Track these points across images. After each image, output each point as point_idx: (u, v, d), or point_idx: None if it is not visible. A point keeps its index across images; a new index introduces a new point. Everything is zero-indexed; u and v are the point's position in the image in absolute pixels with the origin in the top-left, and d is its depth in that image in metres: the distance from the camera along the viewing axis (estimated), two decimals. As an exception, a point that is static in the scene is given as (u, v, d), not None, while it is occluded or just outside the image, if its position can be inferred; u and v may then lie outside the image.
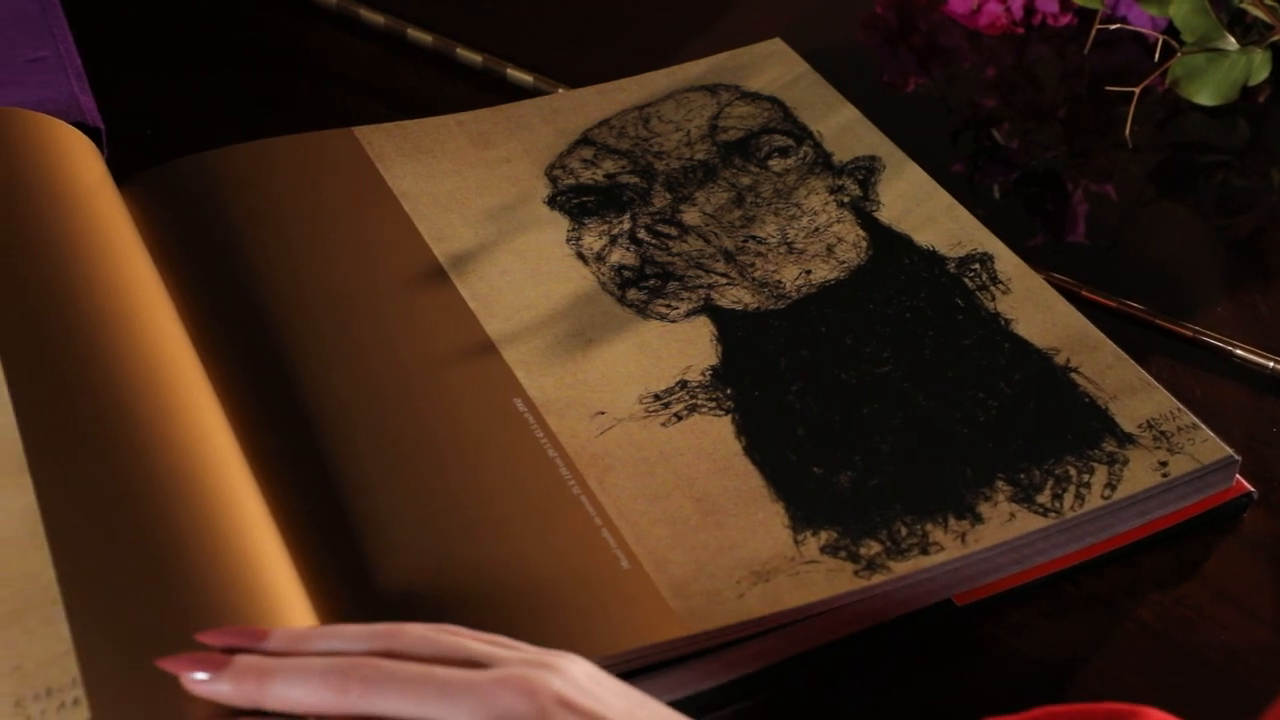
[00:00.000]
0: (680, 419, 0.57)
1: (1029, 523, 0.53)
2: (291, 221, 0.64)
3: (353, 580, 0.50)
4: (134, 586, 0.46)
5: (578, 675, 0.42)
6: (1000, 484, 0.54)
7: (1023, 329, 0.60)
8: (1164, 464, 0.55)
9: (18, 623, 0.45)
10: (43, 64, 0.68)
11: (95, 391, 0.52)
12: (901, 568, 0.51)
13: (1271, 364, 0.62)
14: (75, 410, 0.51)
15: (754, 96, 0.73)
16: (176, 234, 0.62)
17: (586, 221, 0.66)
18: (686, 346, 0.60)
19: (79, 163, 0.62)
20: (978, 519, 0.53)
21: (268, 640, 0.43)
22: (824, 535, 0.53)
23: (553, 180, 0.68)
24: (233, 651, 0.43)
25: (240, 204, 0.64)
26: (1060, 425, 0.56)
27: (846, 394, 0.58)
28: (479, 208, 0.66)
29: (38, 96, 0.65)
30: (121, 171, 0.64)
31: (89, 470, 0.49)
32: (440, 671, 0.41)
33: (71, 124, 0.64)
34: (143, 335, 0.54)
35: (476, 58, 0.78)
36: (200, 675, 0.42)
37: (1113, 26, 0.80)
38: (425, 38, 0.79)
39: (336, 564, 0.50)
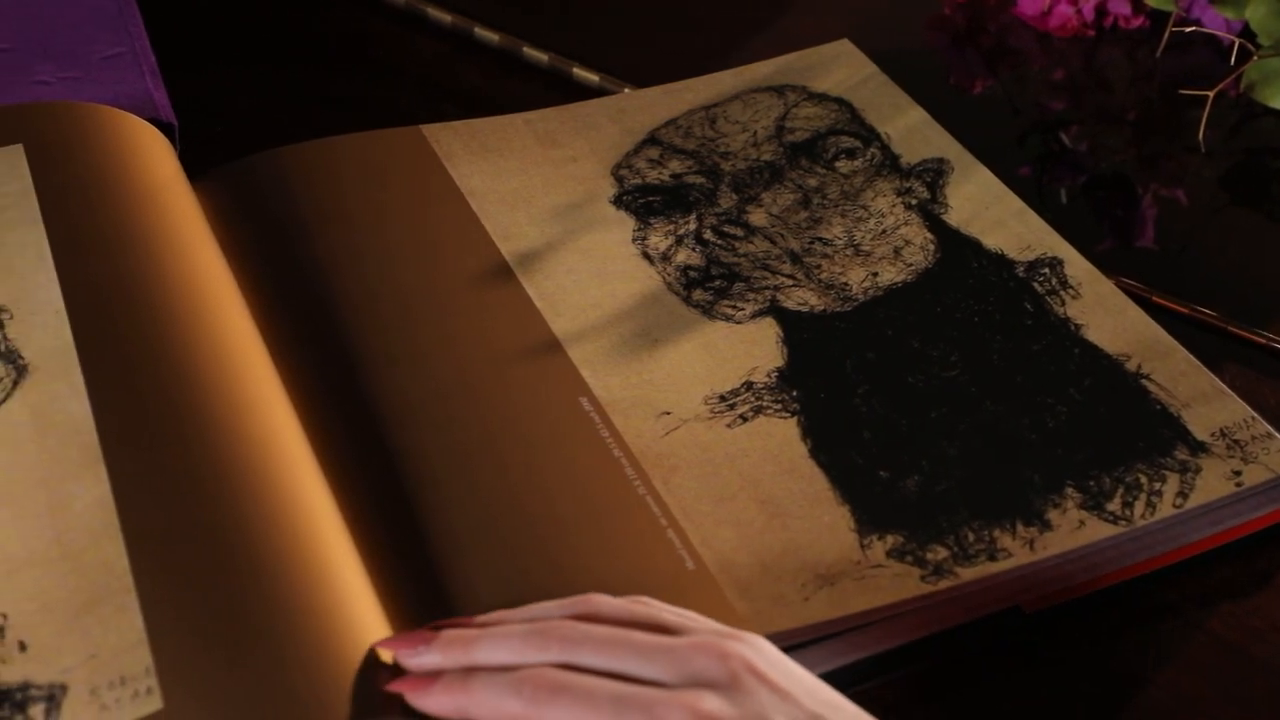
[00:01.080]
0: (746, 420, 0.57)
1: (1099, 530, 0.52)
2: (360, 218, 0.64)
3: (418, 575, 0.50)
4: (206, 577, 0.47)
5: (765, 649, 0.43)
6: (1070, 491, 0.54)
7: (1093, 334, 0.60)
8: (1238, 473, 0.54)
9: (93, 611, 0.46)
10: (119, 60, 0.69)
11: (169, 384, 0.52)
12: (969, 573, 0.51)
13: (1347, 373, 0.62)
14: (149, 403, 0.51)
15: (821, 97, 0.73)
16: (247, 229, 0.63)
17: (652, 221, 0.66)
18: (752, 348, 0.60)
19: (154, 158, 0.62)
20: (1046, 526, 0.52)
21: (471, 620, 0.46)
22: (890, 539, 0.52)
23: (619, 180, 0.68)
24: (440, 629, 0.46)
25: (309, 200, 0.65)
26: (1131, 432, 0.56)
27: (913, 397, 0.58)
28: (545, 206, 0.66)
29: (114, 93, 0.66)
30: (193, 167, 0.65)
31: (163, 462, 0.50)
32: (636, 634, 0.43)
33: (146, 120, 0.65)
34: (214, 330, 0.55)
35: (542, 57, 0.78)
36: (413, 651, 0.45)
37: (1187, 29, 0.79)
38: (492, 36, 0.79)
39: (402, 559, 0.50)
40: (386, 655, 0.45)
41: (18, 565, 0.47)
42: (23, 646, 0.45)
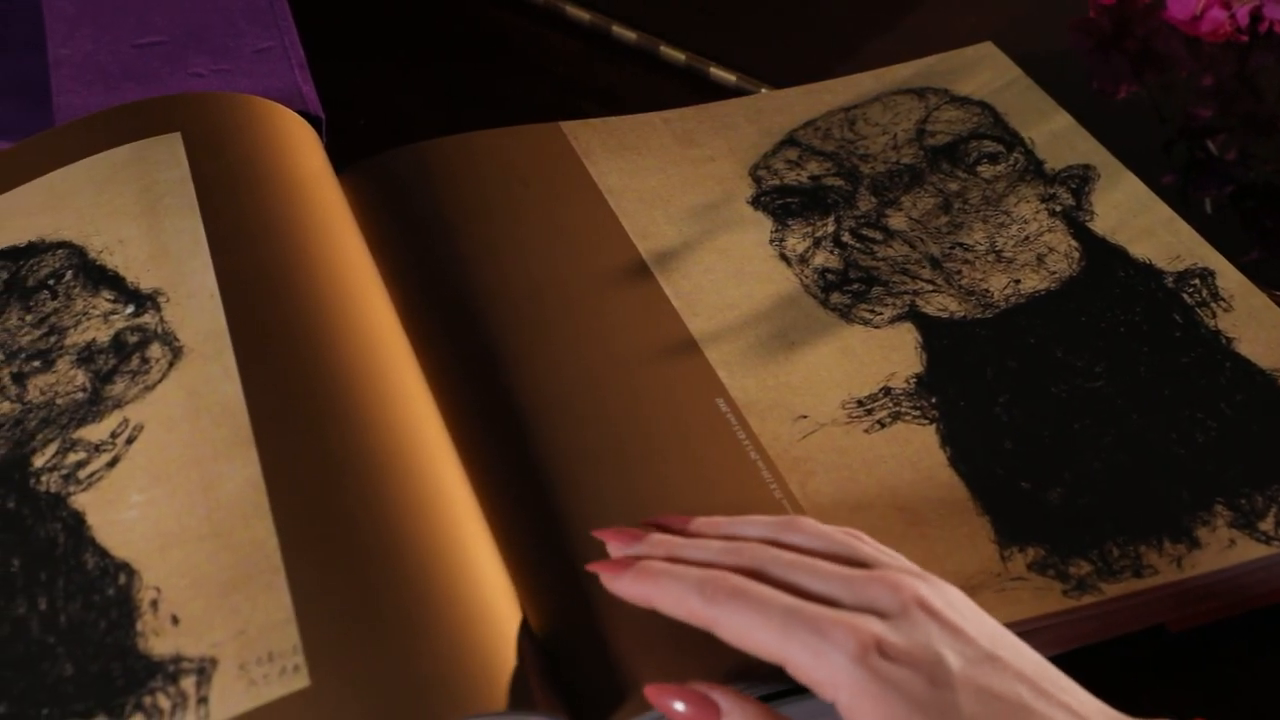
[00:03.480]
0: (884, 426, 0.56)
1: (1250, 550, 0.51)
2: (499, 214, 0.64)
3: (555, 569, 0.50)
4: (352, 559, 0.47)
5: (947, 590, 0.44)
6: (1219, 508, 0.52)
7: (1245, 348, 0.58)
8: (1397, 495, 0.52)
9: (242, 589, 0.46)
10: (269, 54, 0.70)
11: (318, 371, 0.53)
12: (1113, 589, 0.50)
13: None
14: (299, 388, 0.52)
15: (963, 101, 0.72)
16: (388, 222, 0.63)
17: (790, 223, 0.65)
18: (890, 353, 0.59)
19: (303, 150, 0.63)
20: (1195, 543, 0.51)
21: (689, 523, 0.49)
22: (1032, 552, 0.51)
23: (757, 180, 0.68)
24: (661, 528, 0.49)
25: (450, 195, 0.65)
26: (1284, 450, 0.54)
27: (1056, 408, 0.56)
28: (683, 205, 0.66)
29: (264, 86, 0.67)
30: (337, 160, 0.65)
31: (312, 445, 0.50)
32: (821, 562, 0.45)
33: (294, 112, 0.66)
34: (361, 320, 0.55)
35: (680, 56, 0.78)
36: (622, 545, 0.48)
37: (1343, 36, 0.76)
38: (629, 35, 0.79)
39: (539, 553, 0.50)
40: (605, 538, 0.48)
41: (170, 541, 0.48)
42: (175, 620, 0.46)
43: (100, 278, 0.57)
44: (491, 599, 0.47)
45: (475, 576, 0.47)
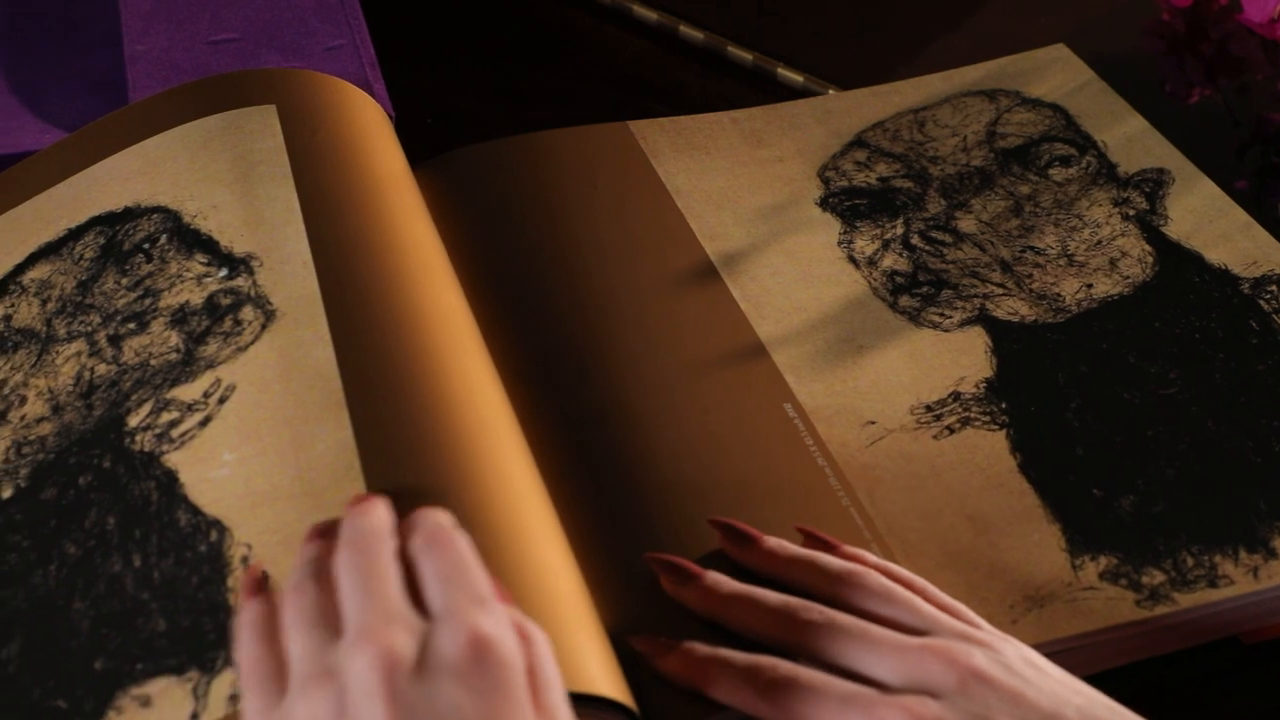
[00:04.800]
0: (952, 432, 0.56)
1: (1328, 562, 0.50)
2: (568, 213, 0.64)
3: (620, 569, 0.50)
4: None
5: (1008, 655, 0.43)
6: (1297, 519, 0.51)
7: (1323, 356, 0.57)
8: None
9: None
10: (340, 52, 0.70)
11: (406, 340, 0.52)
12: (1187, 600, 0.49)
13: None
14: (390, 355, 0.52)
15: (1035, 103, 0.71)
16: (457, 219, 0.63)
17: (859, 225, 0.65)
18: (960, 357, 0.58)
19: (386, 138, 0.64)
20: (1271, 554, 0.50)
21: (761, 541, 0.48)
22: (1104, 561, 0.51)
23: (825, 182, 0.67)
24: (736, 536, 0.49)
25: (518, 194, 0.65)
26: (1364, 460, 0.53)
27: (1129, 414, 0.56)
28: (751, 206, 0.66)
29: (335, 84, 0.67)
30: (407, 157, 0.65)
31: (401, 411, 0.50)
32: (875, 630, 0.44)
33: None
34: (443, 302, 0.55)
35: (747, 56, 0.78)
36: (678, 578, 0.48)
37: None
38: (696, 35, 0.79)
39: (607, 552, 0.50)
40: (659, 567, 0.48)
41: (261, 499, 0.48)
42: (266, 576, 0.46)
43: (194, 242, 0.57)
44: (565, 587, 0.47)
45: (551, 564, 0.47)
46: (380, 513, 0.44)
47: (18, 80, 0.70)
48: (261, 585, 0.44)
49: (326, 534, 0.44)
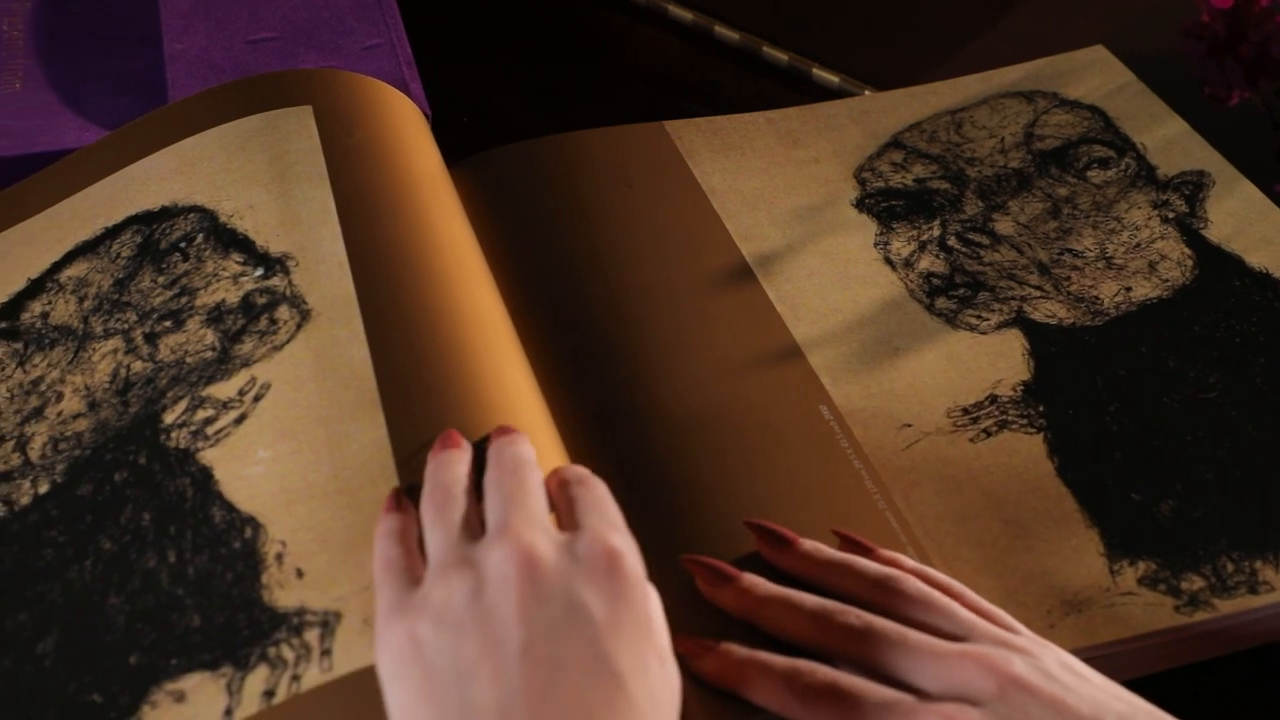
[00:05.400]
0: (989, 435, 0.55)
1: (1370, 569, 0.49)
2: (604, 213, 0.64)
3: (656, 565, 0.49)
4: None
5: (1047, 661, 0.43)
6: (1339, 525, 0.51)
7: (1366, 361, 0.57)
8: None
9: (367, 546, 0.47)
10: (377, 51, 0.70)
11: (441, 342, 0.53)
12: (1227, 606, 0.49)
13: None
14: (425, 356, 0.52)
15: (1073, 105, 0.71)
16: (493, 218, 0.63)
17: (895, 226, 0.65)
18: (997, 360, 0.58)
19: (422, 138, 0.64)
20: (1313, 561, 0.50)
21: (798, 544, 0.48)
22: (1142, 566, 0.50)
23: (861, 183, 0.67)
24: (773, 538, 0.48)
25: (554, 193, 0.65)
26: (1407, 467, 0.53)
27: (1168, 418, 0.55)
28: (786, 207, 0.66)
29: (373, 83, 0.68)
30: (443, 156, 0.66)
31: (435, 412, 0.50)
32: (914, 636, 0.44)
33: (400, 108, 0.66)
34: (478, 302, 0.55)
35: (782, 56, 0.77)
36: (716, 579, 0.47)
37: None
38: (732, 35, 0.79)
39: (641, 550, 0.50)
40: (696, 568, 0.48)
41: (296, 497, 0.49)
42: (299, 574, 0.47)
43: (230, 241, 0.58)
44: None
45: None
46: (527, 443, 0.47)
47: (58, 79, 0.70)
48: (400, 502, 0.46)
49: (461, 447, 0.47)
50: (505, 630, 0.40)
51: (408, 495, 0.47)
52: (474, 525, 0.45)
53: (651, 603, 0.43)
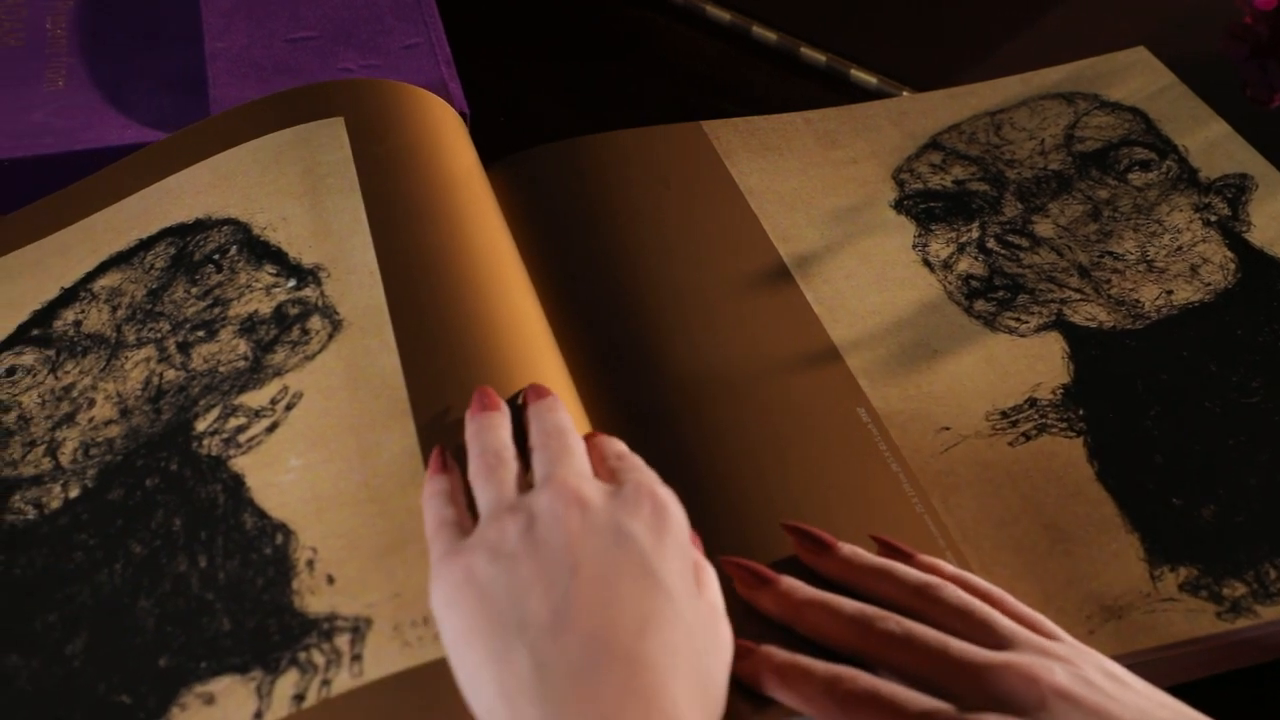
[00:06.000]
0: (1029, 439, 0.55)
1: None
2: (642, 213, 0.64)
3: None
4: None
5: (1089, 670, 0.43)
6: (1383, 533, 0.50)
7: None
8: None
9: (398, 553, 0.47)
10: (416, 50, 0.71)
11: (474, 351, 0.53)
12: (1270, 613, 0.48)
13: None
14: (456, 365, 0.52)
15: (1114, 106, 0.70)
16: (531, 217, 0.64)
17: (934, 228, 0.64)
18: (1036, 363, 0.58)
19: (458, 141, 0.64)
20: (1356, 569, 0.49)
21: (838, 548, 0.48)
22: (1183, 572, 0.50)
23: (900, 184, 0.67)
24: (812, 542, 0.48)
25: (592, 193, 0.65)
26: None
27: (1209, 423, 0.55)
28: (824, 208, 0.65)
29: (412, 81, 0.67)
30: (481, 155, 0.66)
31: (464, 417, 0.50)
32: (955, 645, 0.44)
33: (440, 109, 0.66)
34: (512, 307, 0.55)
35: (820, 57, 0.77)
36: (754, 581, 0.47)
37: None
38: (769, 35, 0.79)
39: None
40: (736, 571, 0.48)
41: (327, 504, 0.49)
42: (330, 580, 0.47)
43: (263, 253, 0.58)
44: None
45: None
46: (565, 409, 0.49)
47: (100, 77, 0.70)
48: (446, 463, 0.48)
49: (500, 409, 0.49)
50: (557, 556, 0.42)
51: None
52: (522, 484, 0.46)
53: (697, 551, 0.45)
